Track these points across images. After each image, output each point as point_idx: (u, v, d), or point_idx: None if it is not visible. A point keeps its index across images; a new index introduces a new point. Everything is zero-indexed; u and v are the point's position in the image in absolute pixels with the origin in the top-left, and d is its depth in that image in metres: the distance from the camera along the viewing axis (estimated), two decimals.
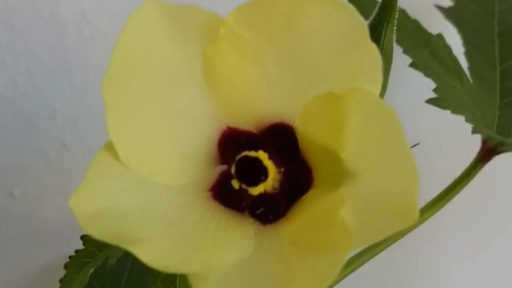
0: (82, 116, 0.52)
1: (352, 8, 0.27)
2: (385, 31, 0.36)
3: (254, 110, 0.30)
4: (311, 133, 0.30)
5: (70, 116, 0.52)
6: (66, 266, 0.37)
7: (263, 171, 0.29)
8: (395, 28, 0.37)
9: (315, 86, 0.28)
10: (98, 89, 0.49)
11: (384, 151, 0.26)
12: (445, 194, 0.41)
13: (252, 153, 0.29)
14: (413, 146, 0.36)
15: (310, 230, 0.29)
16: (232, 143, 0.31)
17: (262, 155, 0.29)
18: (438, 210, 0.42)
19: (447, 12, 0.49)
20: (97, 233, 0.27)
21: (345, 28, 0.27)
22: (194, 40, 0.28)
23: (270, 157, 0.31)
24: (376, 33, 0.36)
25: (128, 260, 0.51)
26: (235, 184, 0.30)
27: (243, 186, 0.30)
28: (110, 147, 0.28)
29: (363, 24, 0.27)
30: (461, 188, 0.42)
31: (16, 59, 0.49)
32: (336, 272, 0.26)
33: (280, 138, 0.31)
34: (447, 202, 0.42)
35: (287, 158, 0.31)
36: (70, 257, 0.37)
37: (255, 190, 0.30)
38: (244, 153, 0.29)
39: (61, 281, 0.37)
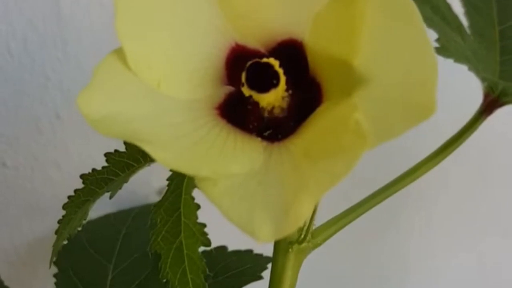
0: (75, 85, 0.51)
1: None
2: None
3: (263, 24, 0.30)
4: (322, 45, 0.29)
5: (63, 85, 0.51)
6: (64, 207, 0.36)
7: (275, 76, 0.28)
8: None
9: None
10: (92, 58, 0.48)
11: (402, 44, 0.26)
12: (447, 145, 0.41)
13: (264, 59, 0.29)
14: None
15: (322, 140, 0.28)
16: (240, 61, 0.30)
17: (273, 61, 0.29)
18: (439, 162, 0.41)
19: None
20: (106, 134, 0.26)
21: None
22: None
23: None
24: None
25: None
26: (246, 91, 0.29)
27: (254, 93, 0.29)
28: (119, 52, 0.28)
29: None
30: (464, 140, 0.42)
31: (10, 26, 0.48)
32: (349, 171, 0.25)
33: (289, 57, 0.30)
34: (449, 154, 0.41)
35: (295, 78, 0.30)
36: (69, 197, 0.35)
37: (266, 99, 0.29)
38: (255, 59, 0.29)
39: (59, 221, 0.36)
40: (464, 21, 0.46)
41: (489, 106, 0.42)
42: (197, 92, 0.30)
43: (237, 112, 0.30)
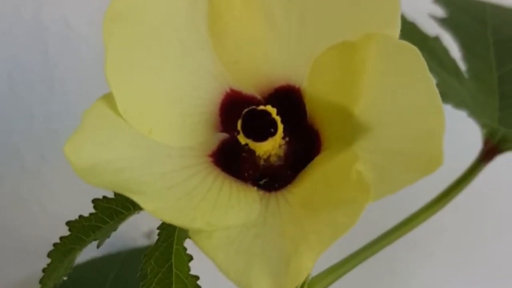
0: (62, 125, 0.49)
1: None
2: None
3: (259, 70, 0.29)
4: (321, 92, 0.28)
5: (50, 124, 0.50)
6: (49, 255, 0.34)
7: (272, 124, 0.27)
8: None
9: (326, 38, 0.27)
10: (79, 97, 0.47)
11: (407, 93, 0.25)
12: (446, 193, 0.40)
13: (260, 107, 0.27)
14: None
15: (322, 190, 0.27)
16: (235, 108, 0.29)
17: (271, 108, 0.27)
18: (434, 213, 0.40)
19: (442, 22, 0.48)
20: (94, 184, 0.25)
21: None
22: None
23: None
24: None
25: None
26: (242, 139, 0.28)
27: (250, 142, 0.27)
28: (108, 98, 0.26)
29: None
30: (463, 187, 0.41)
31: None
32: (354, 223, 0.24)
33: (286, 104, 0.29)
34: (448, 201, 0.40)
35: (293, 126, 0.29)
36: (55, 244, 0.34)
37: (262, 148, 0.28)
38: (251, 107, 0.27)
39: (44, 270, 0.34)
40: (462, 66, 0.45)
41: (488, 153, 0.41)
42: (190, 139, 0.29)
43: (232, 160, 0.29)
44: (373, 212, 0.46)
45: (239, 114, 0.29)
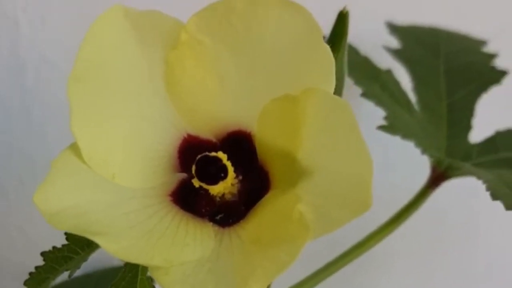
0: (39, 152, 0.52)
1: (306, 11, 0.28)
2: (337, 57, 0.37)
3: (213, 117, 0.32)
4: (268, 137, 0.31)
5: (28, 151, 0.52)
6: (26, 283, 0.37)
7: (223, 170, 0.30)
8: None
9: (272, 90, 0.30)
10: (55, 126, 0.50)
11: (340, 144, 0.28)
12: (395, 219, 0.43)
13: (212, 153, 0.30)
14: None
15: (269, 228, 0.29)
16: (191, 151, 0.32)
17: (222, 155, 0.30)
18: (387, 235, 0.43)
19: (396, 53, 0.51)
20: (61, 228, 0.28)
21: (300, 30, 0.28)
22: (156, 45, 0.30)
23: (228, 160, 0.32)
24: None
25: None
26: (196, 183, 0.30)
27: (203, 185, 0.30)
28: (74, 147, 0.29)
29: (317, 26, 0.28)
30: (411, 213, 0.44)
31: None
32: (294, 260, 0.27)
33: (239, 146, 0.32)
34: (396, 227, 0.43)
35: (245, 166, 0.32)
36: (30, 273, 0.36)
37: (215, 189, 0.30)
38: (204, 153, 0.30)
39: None
40: (413, 97, 0.48)
41: (436, 180, 0.44)
42: (151, 180, 0.31)
43: (189, 198, 0.32)
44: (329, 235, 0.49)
45: (196, 155, 0.32)
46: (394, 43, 0.54)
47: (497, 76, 0.51)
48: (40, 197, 0.28)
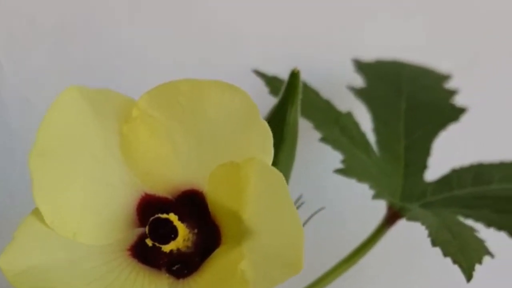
0: (20, 189, 0.55)
1: (244, 92, 0.31)
2: (290, 109, 0.40)
3: (167, 179, 0.35)
4: (218, 197, 0.34)
5: (10, 189, 0.55)
6: None
7: (174, 231, 0.33)
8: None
9: (219, 157, 0.33)
10: None
11: (275, 211, 0.31)
12: (352, 256, 0.46)
13: (164, 215, 0.33)
14: (319, 210, 0.41)
15: (216, 281, 0.32)
16: (149, 208, 0.35)
17: (173, 216, 0.33)
18: (344, 271, 0.46)
19: (359, 92, 0.54)
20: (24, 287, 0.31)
21: (239, 108, 0.32)
22: (111, 119, 0.33)
23: (182, 219, 0.35)
24: (283, 110, 0.41)
25: None
26: (149, 242, 0.33)
27: (156, 244, 0.33)
28: (37, 212, 0.32)
29: (254, 104, 0.32)
30: (368, 250, 0.47)
31: None
32: None
33: (192, 203, 0.35)
34: (353, 263, 0.46)
35: (199, 220, 0.35)
36: None
37: (167, 248, 0.33)
38: (156, 215, 0.33)
39: None
40: (372, 137, 0.51)
41: (391, 218, 0.47)
42: (110, 237, 0.34)
43: (147, 251, 0.35)
44: None
45: (154, 212, 0.35)
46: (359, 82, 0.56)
47: (456, 113, 0.54)
48: (4, 261, 0.31)
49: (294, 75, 0.40)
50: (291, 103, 0.40)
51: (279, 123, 0.40)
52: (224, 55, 0.59)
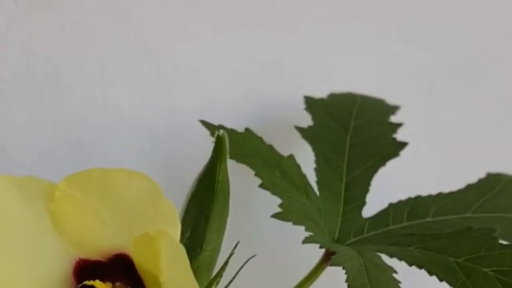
0: None
1: (147, 177, 0.36)
2: (220, 168, 0.45)
3: (97, 245, 0.39)
4: (141, 261, 0.39)
5: None
6: None
7: None
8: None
9: (137, 228, 0.38)
10: None
11: (179, 278, 0.35)
12: None
13: (90, 282, 0.38)
14: (249, 259, 0.45)
15: None
16: (85, 270, 0.40)
17: (98, 283, 0.38)
18: None
19: (305, 132, 0.58)
20: None
21: (145, 190, 0.36)
22: (38, 200, 0.38)
23: (115, 279, 0.39)
24: (213, 170, 0.45)
25: None
26: None
27: None
28: None
29: (157, 187, 0.36)
30: (309, 284, 0.51)
31: None
32: None
33: (123, 264, 0.40)
34: None
35: (131, 279, 0.40)
36: None
37: None
38: (83, 283, 0.38)
39: None
40: (314, 177, 0.55)
41: (327, 257, 0.51)
42: None
43: None
44: None
45: (89, 273, 0.40)
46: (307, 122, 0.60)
47: (396, 148, 0.58)
48: None
49: (220, 139, 0.44)
50: (219, 162, 0.45)
51: (211, 181, 0.45)
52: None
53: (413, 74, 0.72)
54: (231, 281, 0.44)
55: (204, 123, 0.54)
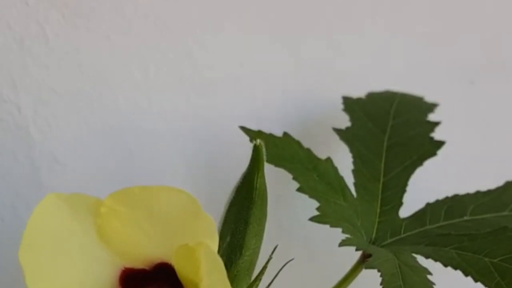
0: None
1: (186, 192, 0.38)
2: (257, 175, 0.47)
3: (141, 255, 0.42)
4: (182, 269, 0.41)
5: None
6: None
7: None
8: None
9: (178, 240, 0.40)
10: None
11: (217, 286, 0.37)
12: None
13: None
14: (289, 261, 0.47)
15: None
16: (130, 278, 0.42)
17: None
18: None
19: (343, 133, 0.59)
20: None
21: (184, 205, 0.39)
22: (85, 215, 0.40)
23: (159, 286, 0.42)
24: (251, 177, 0.47)
25: None
26: None
27: None
28: None
29: (195, 201, 0.38)
30: (347, 284, 0.52)
31: (0, 197, 0.62)
32: None
33: (165, 271, 0.42)
34: None
35: (173, 286, 0.42)
36: None
37: None
38: None
39: None
40: (351, 178, 0.57)
41: (364, 258, 0.52)
42: None
43: None
44: None
45: (134, 280, 0.42)
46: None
47: (434, 148, 0.59)
48: None
49: (257, 148, 0.46)
50: (257, 171, 0.47)
51: (249, 189, 0.47)
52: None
53: (455, 68, 0.72)
54: (270, 284, 0.46)
55: (244, 129, 0.56)
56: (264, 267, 0.46)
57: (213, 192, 0.63)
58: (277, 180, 0.54)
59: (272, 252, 0.47)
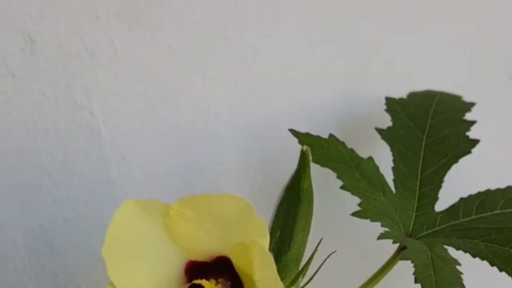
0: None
1: (241, 198, 0.44)
2: (304, 177, 0.53)
3: (203, 250, 0.48)
4: (239, 263, 0.47)
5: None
6: None
7: None
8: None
9: (234, 238, 0.46)
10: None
11: (268, 277, 0.44)
12: (370, 280, 0.57)
13: (198, 281, 0.47)
14: (332, 253, 0.53)
15: None
16: (194, 269, 0.49)
17: (206, 283, 0.47)
18: None
19: (384, 132, 0.64)
20: None
21: (241, 209, 0.45)
22: (157, 217, 0.47)
23: (219, 276, 0.48)
24: (298, 179, 0.53)
25: None
26: None
27: None
28: (112, 284, 0.47)
29: (249, 205, 0.44)
30: (383, 275, 0.57)
31: (75, 192, 0.69)
32: None
33: (224, 263, 0.49)
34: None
35: (230, 276, 0.49)
36: None
37: None
38: (192, 282, 0.47)
39: None
40: (391, 176, 0.62)
41: (400, 251, 0.57)
42: None
43: None
44: None
45: (197, 272, 0.49)
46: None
47: (469, 146, 0.63)
48: None
49: (304, 154, 0.52)
50: (303, 173, 0.53)
51: (297, 189, 0.53)
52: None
53: (493, 63, 0.76)
54: (315, 273, 0.52)
55: (293, 131, 0.61)
56: (310, 258, 0.51)
57: (265, 185, 0.69)
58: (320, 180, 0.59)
59: (317, 245, 0.53)
